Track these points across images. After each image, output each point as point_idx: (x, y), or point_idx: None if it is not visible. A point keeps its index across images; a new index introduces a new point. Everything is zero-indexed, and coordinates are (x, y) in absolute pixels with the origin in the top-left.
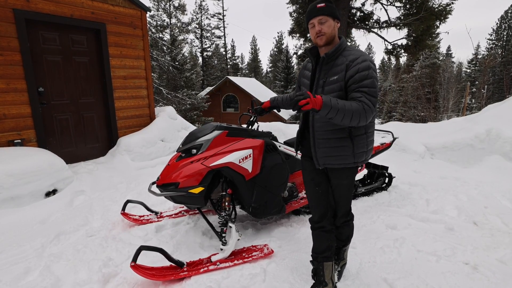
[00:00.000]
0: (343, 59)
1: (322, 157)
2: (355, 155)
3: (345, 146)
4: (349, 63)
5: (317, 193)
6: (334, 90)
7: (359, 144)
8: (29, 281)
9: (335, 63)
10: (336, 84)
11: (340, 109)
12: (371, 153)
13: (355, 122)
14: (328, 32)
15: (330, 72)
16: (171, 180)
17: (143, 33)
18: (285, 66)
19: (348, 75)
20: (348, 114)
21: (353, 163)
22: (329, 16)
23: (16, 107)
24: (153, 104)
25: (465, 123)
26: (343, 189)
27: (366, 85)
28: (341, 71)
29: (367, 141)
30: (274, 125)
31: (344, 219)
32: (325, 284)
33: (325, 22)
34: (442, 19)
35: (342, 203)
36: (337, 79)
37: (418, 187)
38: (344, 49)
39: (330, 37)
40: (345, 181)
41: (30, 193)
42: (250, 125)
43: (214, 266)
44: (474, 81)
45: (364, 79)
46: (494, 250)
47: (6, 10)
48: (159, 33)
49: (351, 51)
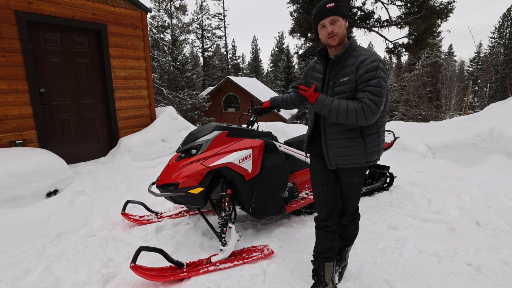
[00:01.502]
0: (353, 60)
1: (334, 158)
2: (367, 154)
3: (357, 146)
4: (359, 64)
5: (325, 192)
6: (344, 91)
7: (371, 143)
8: (29, 282)
9: (345, 64)
10: (346, 86)
11: (332, 108)
12: (382, 152)
13: (351, 121)
14: (340, 32)
15: (340, 73)
16: (170, 180)
17: (144, 33)
18: (286, 66)
19: (358, 75)
20: (342, 114)
21: (365, 163)
22: (339, 15)
23: (18, 108)
24: (154, 104)
25: (467, 122)
26: (353, 187)
27: (372, 84)
28: (351, 72)
29: (378, 141)
30: (274, 125)
31: (351, 218)
32: (325, 284)
33: (336, 22)
34: (444, 18)
35: (351, 202)
36: (348, 80)
37: (420, 187)
38: (354, 49)
39: (342, 37)
40: (356, 179)
41: (31, 193)
42: (250, 125)
43: (214, 267)
44: (476, 79)
45: (371, 78)
46: (497, 250)
47: (7, 12)
48: (160, 34)
49: (361, 51)
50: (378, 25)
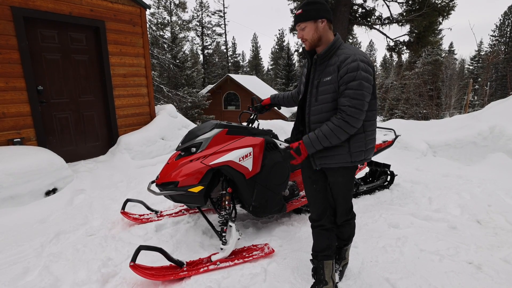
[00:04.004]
0: (336, 59)
1: (319, 157)
2: (352, 154)
3: (341, 146)
4: (340, 64)
5: (314, 191)
6: (328, 91)
7: (356, 143)
8: (28, 281)
9: (328, 63)
10: (329, 86)
11: (321, 140)
12: (372, 152)
13: (344, 136)
14: (309, 37)
15: (323, 73)
16: (170, 179)
17: (143, 30)
18: (286, 64)
19: (339, 76)
20: (331, 137)
21: (350, 162)
22: (307, 21)
23: (15, 106)
24: (153, 102)
25: (468, 120)
26: (340, 187)
27: (351, 87)
28: (333, 71)
29: (365, 140)
30: (275, 123)
31: (344, 218)
32: (325, 283)
33: (304, 28)
34: (445, 15)
35: (340, 201)
36: (331, 80)
37: (421, 185)
38: (338, 48)
39: (313, 41)
40: (340, 179)
41: (29, 192)
42: (250, 123)
43: (214, 266)
44: (477, 78)
45: (351, 80)
46: (498, 249)
47: (3, 8)
48: (160, 31)
49: (344, 50)
50: (379, 22)
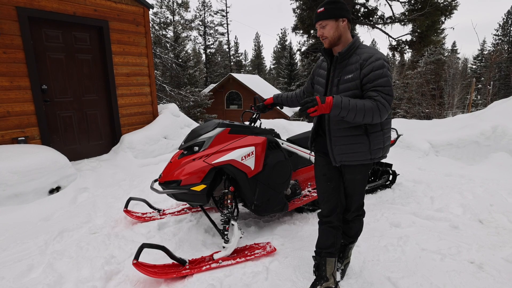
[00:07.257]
0: (357, 58)
1: (339, 154)
2: (372, 151)
3: (362, 143)
4: (363, 62)
5: (328, 188)
6: (349, 88)
7: (376, 140)
8: (32, 278)
9: (349, 62)
10: (351, 83)
11: (351, 109)
12: (389, 149)
13: (368, 120)
14: (330, 35)
15: (344, 71)
16: (173, 177)
17: (146, 30)
18: (288, 63)
19: (363, 74)
20: (360, 113)
21: (370, 160)
22: (328, 19)
23: (20, 105)
24: (156, 101)
25: (470, 119)
26: (357, 183)
27: (381, 84)
28: (355, 69)
29: (383, 138)
30: (277, 122)
31: (356, 213)
32: (326, 279)
33: (325, 26)
34: (448, 15)
35: (355, 198)
36: (352, 77)
37: (423, 185)
38: (357, 47)
39: (333, 39)
40: (359, 176)
41: (33, 190)
42: (253, 122)
43: (216, 264)
44: (479, 77)
45: (378, 78)
46: (500, 248)
47: (9, 8)
48: (163, 30)
49: (364, 49)
50: (382, 22)
